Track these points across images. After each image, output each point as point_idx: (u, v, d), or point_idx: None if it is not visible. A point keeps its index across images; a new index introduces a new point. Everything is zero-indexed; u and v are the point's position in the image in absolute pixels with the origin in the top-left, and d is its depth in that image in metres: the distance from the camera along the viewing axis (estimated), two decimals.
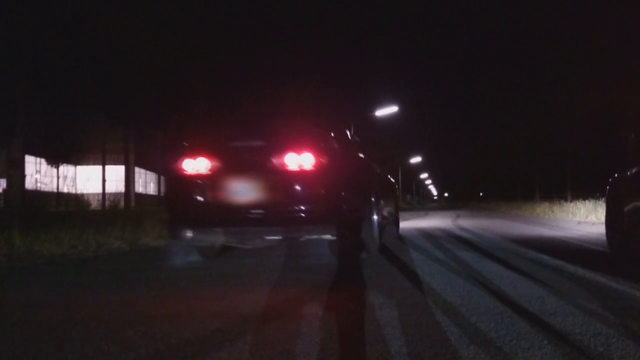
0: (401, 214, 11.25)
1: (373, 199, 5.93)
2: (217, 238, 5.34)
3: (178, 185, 5.22)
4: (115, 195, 20.46)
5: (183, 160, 5.04)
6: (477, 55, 58.04)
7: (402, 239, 8.57)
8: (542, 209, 22.92)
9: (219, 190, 4.95)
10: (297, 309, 3.15)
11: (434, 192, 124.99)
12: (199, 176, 4.98)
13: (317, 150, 4.88)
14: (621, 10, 20.23)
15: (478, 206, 47.57)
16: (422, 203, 79.17)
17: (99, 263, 6.18)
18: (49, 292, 4.06)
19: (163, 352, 2.34)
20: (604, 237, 6.28)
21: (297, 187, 4.83)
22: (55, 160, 18.23)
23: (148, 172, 31.97)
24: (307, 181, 4.84)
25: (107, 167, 20.29)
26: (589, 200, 18.50)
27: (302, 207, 4.81)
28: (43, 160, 19.38)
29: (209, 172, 4.98)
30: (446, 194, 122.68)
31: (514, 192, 46.94)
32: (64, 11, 12.85)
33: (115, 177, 23.39)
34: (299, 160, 4.80)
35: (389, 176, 8.50)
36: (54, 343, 2.51)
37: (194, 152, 5.05)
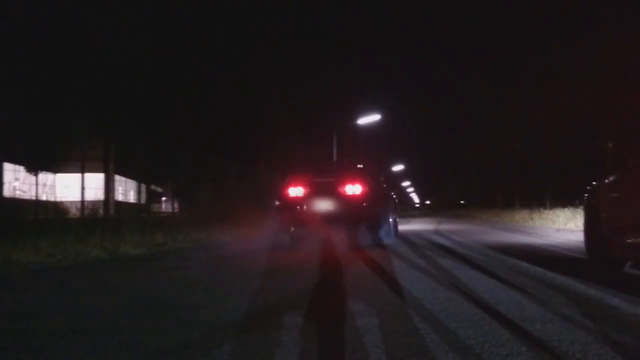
0: None
1: (390, 210, 10.09)
2: (306, 230, 8.81)
3: (287, 202, 8.89)
4: (95, 203, 20.21)
5: (289, 188, 8.91)
6: (459, 64, 58.58)
7: (394, 243, 9.68)
8: (522, 217, 23.15)
9: (308, 206, 8.68)
10: (278, 317, 3.14)
11: (416, 199, 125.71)
12: (297, 197, 8.77)
13: (361, 183, 8.71)
14: (601, 22, 20.60)
15: (459, 214, 48.00)
16: (405, 210, 79.48)
17: (79, 271, 6.10)
18: (23, 302, 3.99)
19: None
20: (583, 245, 6.35)
21: (351, 203, 8.54)
22: (34, 167, 17.98)
23: (128, 180, 31.67)
24: (356, 200, 8.57)
25: (87, 174, 20.02)
26: (568, 208, 18.72)
27: (354, 214, 8.45)
28: (22, 167, 19.10)
29: (303, 195, 8.75)
30: (428, 202, 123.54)
31: (494, 200, 47.33)
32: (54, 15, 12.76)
33: (95, 184, 23.12)
34: (353, 189, 8.64)
35: (392, 194, 11.95)
36: (28, 352, 2.46)
37: (295, 184, 8.88)
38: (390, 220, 9.99)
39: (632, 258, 5.24)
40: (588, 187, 6.21)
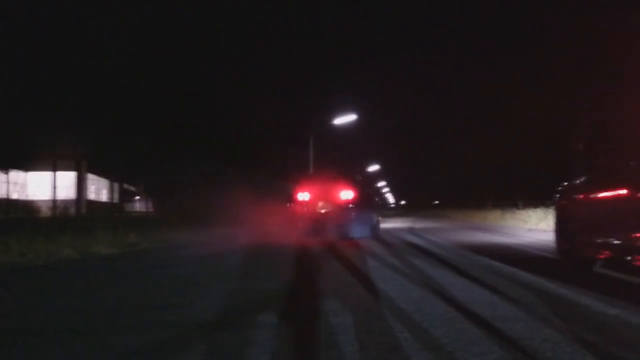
0: None
1: (374, 212, 12.90)
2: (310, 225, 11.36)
3: (296, 204, 11.97)
4: (67, 202, 19.89)
5: (298, 193, 11.93)
6: (431, 67, 58.99)
7: (380, 236, 11.83)
8: (495, 217, 23.44)
9: (312, 207, 11.56)
10: (253, 317, 3.13)
11: (391, 199, 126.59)
12: (304, 200, 11.69)
13: (352, 190, 11.69)
14: (572, 25, 20.94)
15: (433, 214, 48.42)
16: (380, 210, 79.79)
17: (50, 271, 5.99)
18: None
19: None
20: (554, 244, 6.46)
21: (345, 205, 11.47)
22: (4, 166, 17.61)
23: (101, 178, 31.21)
24: (348, 203, 11.49)
25: (58, 173, 19.68)
26: (540, 208, 19.00)
27: (347, 214, 11.34)
28: None
29: (308, 199, 11.66)
30: (403, 202, 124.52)
31: (468, 200, 47.86)
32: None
33: (67, 183, 22.74)
34: (346, 194, 11.61)
35: (377, 199, 15.80)
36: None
37: (303, 190, 11.93)
38: (374, 220, 12.52)
39: (601, 257, 5.35)
40: (559, 188, 6.33)
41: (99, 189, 30.30)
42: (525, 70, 25.97)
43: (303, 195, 11.62)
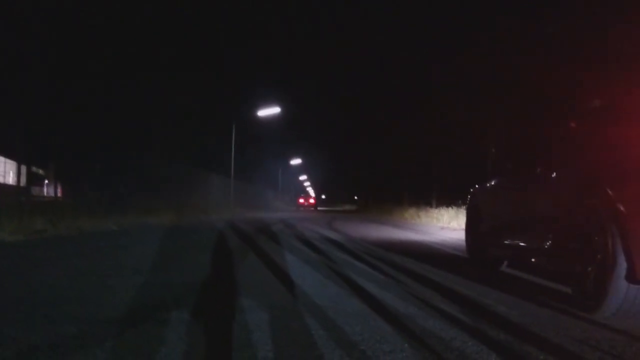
0: (277, 215, 11.97)
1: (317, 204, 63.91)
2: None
3: (297, 201, 60.83)
4: None
5: (300, 198, 61.25)
6: (355, 66, 59.75)
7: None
8: (410, 214, 24.18)
9: (303, 204, 58.54)
10: (163, 313, 3.03)
11: (312, 193, 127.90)
12: (302, 202, 59.39)
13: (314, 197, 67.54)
14: (491, 30, 21.79)
15: (352, 209, 49.41)
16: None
17: None
18: None
19: None
20: (464, 243, 6.74)
21: (313, 202, 61.83)
22: None
23: (8, 160, 29.41)
24: (314, 202, 62.06)
25: None
26: (452, 208, 19.76)
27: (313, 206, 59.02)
28: None
29: (302, 200, 59.87)
30: (323, 196, 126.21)
31: (386, 197, 49.01)
32: None
33: None
34: (312, 199, 63.45)
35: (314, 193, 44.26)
36: None
37: (299, 197, 62.59)
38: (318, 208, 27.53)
39: (507, 258, 5.63)
40: (471, 189, 6.59)
41: (5, 172, 28.57)
42: (445, 73, 26.79)
43: (301, 199, 22.79)
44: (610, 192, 3.11)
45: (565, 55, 16.44)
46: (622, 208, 2.99)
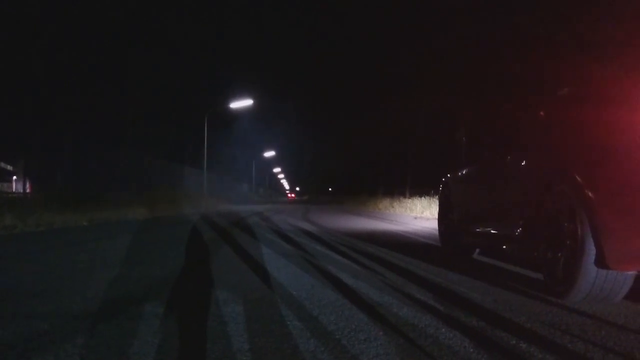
0: (252, 207, 12.02)
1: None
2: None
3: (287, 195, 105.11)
4: None
5: (290, 194, 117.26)
6: (327, 56, 59.67)
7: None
8: (384, 205, 24.32)
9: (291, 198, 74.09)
10: (137, 307, 3.00)
11: (286, 186, 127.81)
12: (290, 195, 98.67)
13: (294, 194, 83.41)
14: (464, 18, 21.97)
15: (327, 200, 49.41)
16: (275, 197, 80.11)
17: None
18: None
19: None
20: (437, 232, 6.80)
21: (293, 196, 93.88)
22: None
23: None
24: (294, 196, 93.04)
25: None
26: (425, 197, 19.94)
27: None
28: None
29: (291, 194, 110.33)
30: (298, 189, 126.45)
31: (360, 188, 49.25)
32: None
33: None
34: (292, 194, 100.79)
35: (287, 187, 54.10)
36: None
37: (290, 193, 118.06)
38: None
39: (479, 246, 5.71)
40: (443, 179, 6.65)
41: None
42: (417, 62, 26.91)
43: (291, 193, 22.63)
44: (578, 178, 3.17)
45: (535, 44, 16.69)
46: (590, 194, 3.04)
